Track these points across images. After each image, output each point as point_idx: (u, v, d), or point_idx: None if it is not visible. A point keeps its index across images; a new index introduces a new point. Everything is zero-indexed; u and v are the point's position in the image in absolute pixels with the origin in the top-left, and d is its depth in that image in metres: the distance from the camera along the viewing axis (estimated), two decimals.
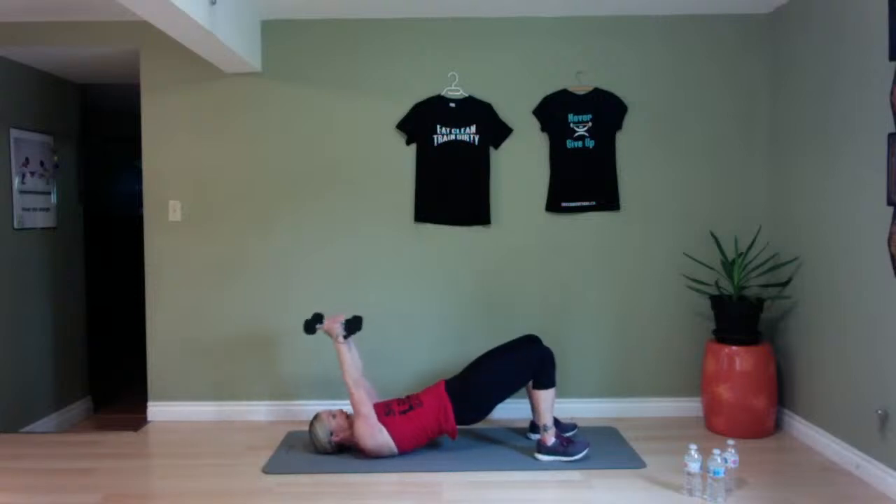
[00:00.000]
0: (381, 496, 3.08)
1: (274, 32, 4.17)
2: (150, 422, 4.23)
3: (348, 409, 3.66)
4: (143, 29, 4.11)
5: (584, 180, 4.16)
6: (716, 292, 4.08)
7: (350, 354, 3.56)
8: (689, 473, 3.03)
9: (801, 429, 3.77)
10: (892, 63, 2.98)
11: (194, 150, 4.21)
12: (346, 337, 3.58)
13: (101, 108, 6.29)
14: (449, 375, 4.10)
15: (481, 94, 4.17)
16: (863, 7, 3.21)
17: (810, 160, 3.70)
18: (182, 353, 4.24)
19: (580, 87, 4.16)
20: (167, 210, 4.22)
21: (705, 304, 4.16)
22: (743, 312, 3.81)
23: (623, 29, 4.16)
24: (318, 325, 3.65)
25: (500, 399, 3.54)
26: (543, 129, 4.18)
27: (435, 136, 4.16)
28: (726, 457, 3.00)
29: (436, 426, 3.49)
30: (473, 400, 3.51)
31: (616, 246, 4.21)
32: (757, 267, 3.99)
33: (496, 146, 4.18)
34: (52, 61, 4.45)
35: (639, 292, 4.22)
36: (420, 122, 4.15)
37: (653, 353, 4.23)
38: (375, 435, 3.42)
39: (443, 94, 4.16)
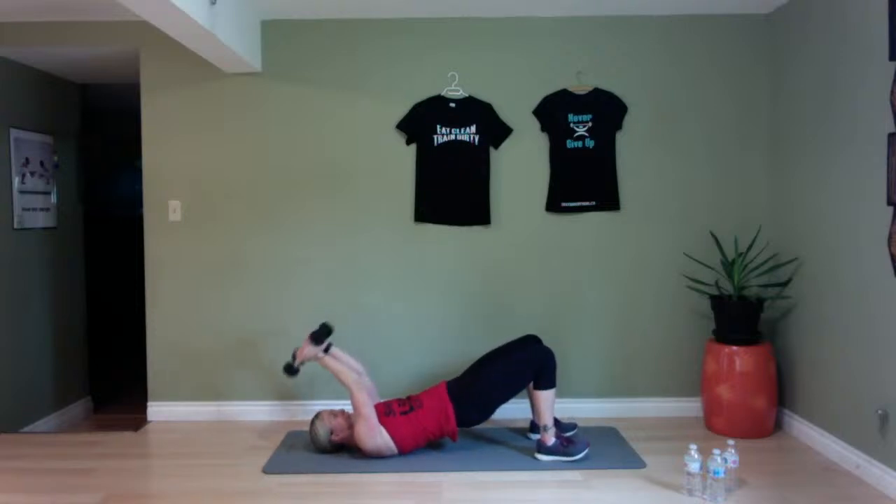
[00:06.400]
0: (381, 496, 3.08)
1: (274, 32, 4.17)
2: (150, 422, 4.23)
3: (349, 408, 3.66)
4: (143, 29, 4.11)
5: (584, 180, 4.16)
6: (716, 292, 4.08)
7: (338, 361, 3.59)
8: (689, 473, 3.03)
9: (801, 429, 3.77)
10: (892, 63, 2.98)
11: (194, 150, 4.21)
12: (326, 349, 3.62)
13: (101, 108, 6.29)
14: (449, 375, 4.11)
15: (481, 94, 4.17)
16: (863, 7, 3.21)
17: (810, 160, 3.70)
18: (182, 352, 4.24)
19: (580, 87, 4.16)
20: (167, 210, 4.22)
21: (705, 304, 4.16)
22: (743, 312, 3.81)
23: (623, 29, 4.16)
24: (296, 365, 3.62)
25: (503, 400, 3.54)
26: (543, 129, 4.18)
27: (435, 136, 4.16)
28: (726, 457, 3.00)
29: (436, 428, 3.49)
30: (476, 402, 3.51)
31: (616, 246, 4.21)
32: (757, 267, 3.99)
33: (496, 146, 4.18)
34: (52, 61, 4.45)
35: (639, 292, 4.22)
36: (420, 122, 4.15)
37: (653, 353, 4.23)
38: (375, 436, 3.42)
39: (443, 94, 4.16)
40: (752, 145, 4.19)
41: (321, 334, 3.62)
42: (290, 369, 3.62)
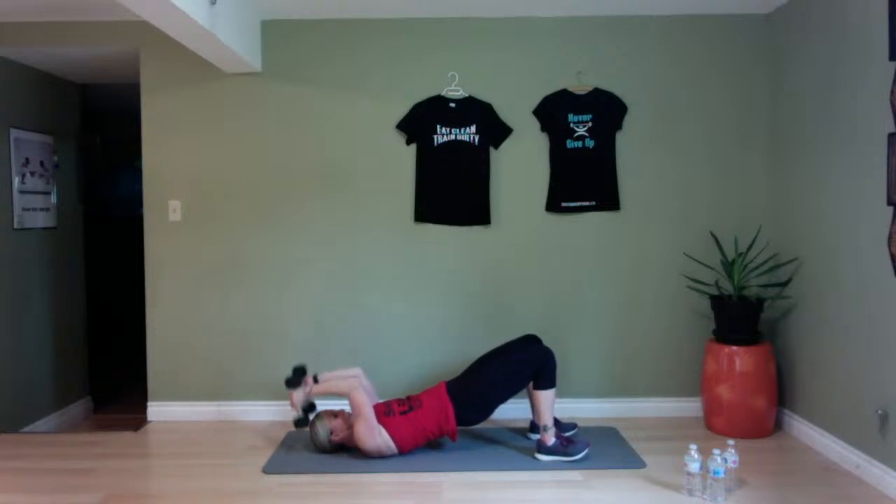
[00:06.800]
0: (381, 496, 3.08)
1: (274, 32, 4.17)
2: (150, 422, 4.23)
3: (349, 409, 3.66)
4: (143, 29, 4.11)
5: (584, 180, 4.17)
6: (716, 292, 4.08)
7: (327, 382, 3.59)
8: (689, 473, 3.03)
9: (801, 429, 3.77)
10: (892, 63, 2.98)
11: (194, 150, 4.21)
12: (315, 380, 3.63)
13: (101, 108, 6.29)
14: (449, 375, 4.11)
15: (481, 94, 4.17)
16: (863, 7, 3.21)
17: (810, 160, 3.70)
18: (182, 352, 4.24)
19: (580, 87, 4.16)
20: (167, 210, 4.22)
21: (705, 304, 4.16)
22: (743, 312, 3.81)
23: (623, 29, 4.16)
24: (299, 414, 3.61)
25: (502, 400, 3.54)
26: (543, 129, 4.18)
27: (435, 136, 4.16)
28: (726, 457, 3.00)
29: (436, 428, 3.49)
30: (475, 401, 3.51)
31: (616, 246, 4.21)
32: (757, 267, 3.99)
33: (496, 146, 4.18)
34: (52, 61, 4.45)
35: (639, 292, 4.22)
36: (420, 122, 4.15)
37: (653, 353, 4.23)
38: (375, 436, 3.42)
39: (443, 94, 4.16)
40: (752, 145, 4.19)
41: (294, 379, 3.61)
42: (299, 421, 3.60)
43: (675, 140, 4.19)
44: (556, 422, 3.65)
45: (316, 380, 3.64)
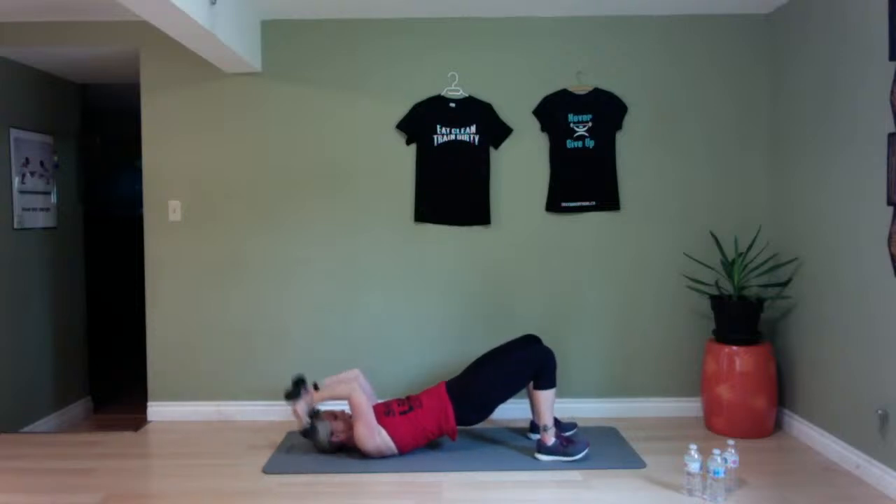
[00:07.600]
0: (381, 496, 3.08)
1: (274, 32, 4.17)
2: (150, 422, 4.23)
3: (349, 409, 3.66)
4: (143, 29, 4.11)
5: (584, 180, 4.17)
6: (716, 292, 4.08)
7: (329, 389, 3.56)
8: (689, 473, 3.03)
9: (801, 429, 3.77)
10: (892, 63, 2.98)
11: (194, 150, 4.21)
12: (316, 387, 3.59)
13: (101, 108, 6.29)
14: (449, 375, 4.11)
15: (481, 94, 4.17)
16: (863, 7, 3.21)
17: (810, 160, 3.70)
18: (182, 352, 4.24)
19: (580, 87, 4.16)
20: (167, 210, 4.22)
21: (705, 304, 4.16)
22: (743, 312, 3.81)
23: (623, 29, 4.16)
24: (305, 425, 3.51)
25: (502, 400, 3.54)
26: (543, 129, 4.18)
27: (435, 136, 4.16)
28: (726, 457, 3.00)
29: (435, 428, 3.49)
30: (475, 401, 3.51)
31: (616, 246, 4.21)
32: (757, 267, 3.99)
33: (496, 146, 4.18)
34: (52, 61, 4.45)
35: (639, 292, 4.22)
36: (420, 122, 4.15)
37: (653, 353, 4.23)
38: (375, 437, 3.43)
39: (443, 94, 4.16)
40: (752, 145, 4.19)
41: (294, 391, 3.56)
42: (307, 431, 3.52)
43: (675, 140, 4.19)
44: (556, 422, 3.65)
45: (317, 387, 3.62)
